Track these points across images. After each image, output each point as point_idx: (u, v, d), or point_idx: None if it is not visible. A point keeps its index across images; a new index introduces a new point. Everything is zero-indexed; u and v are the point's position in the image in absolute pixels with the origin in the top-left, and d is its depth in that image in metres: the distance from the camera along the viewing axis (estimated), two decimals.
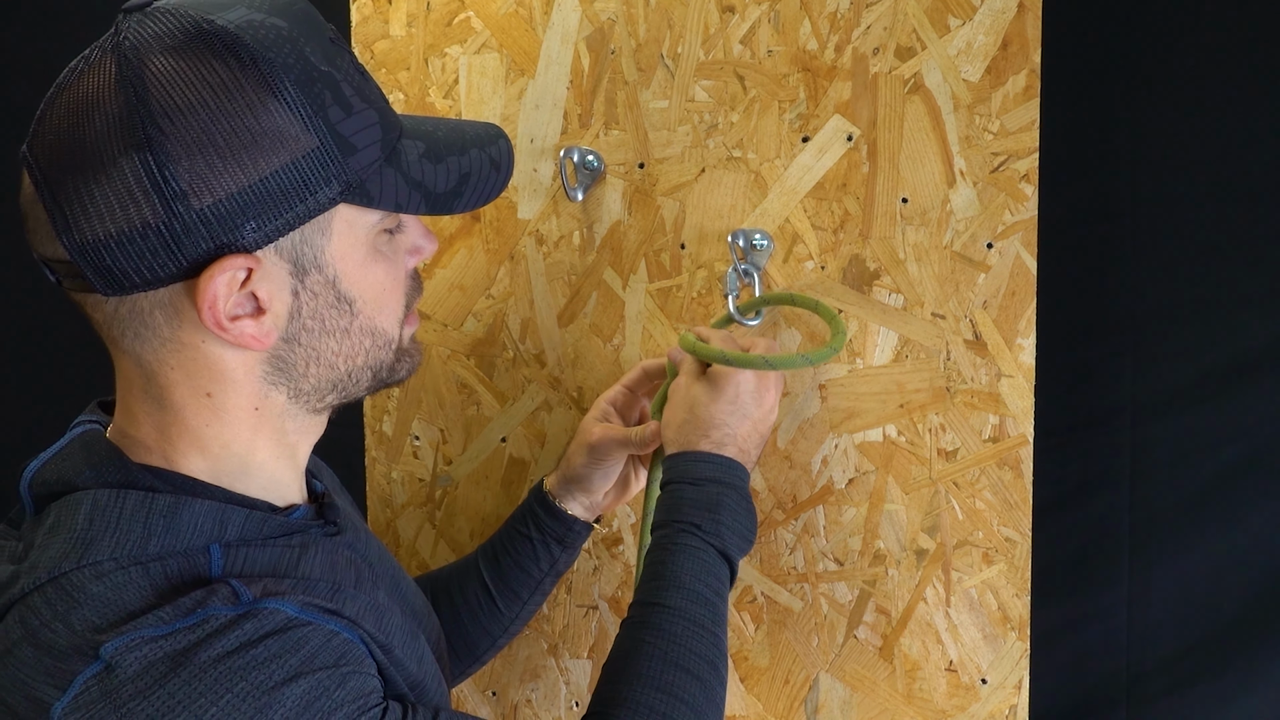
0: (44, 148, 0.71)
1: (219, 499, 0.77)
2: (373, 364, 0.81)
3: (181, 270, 0.71)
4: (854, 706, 1.11)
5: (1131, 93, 1.14)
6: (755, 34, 1.06)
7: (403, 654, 0.81)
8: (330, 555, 0.81)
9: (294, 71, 0.71)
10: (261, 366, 0.77)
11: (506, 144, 0.86)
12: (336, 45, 0.76)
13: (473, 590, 1.10)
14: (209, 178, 0.69)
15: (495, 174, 0.84)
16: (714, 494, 0.94)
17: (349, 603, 0.78)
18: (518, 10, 1.14)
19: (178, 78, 0.69)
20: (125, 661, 0.67)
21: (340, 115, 0.73)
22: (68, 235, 0.70)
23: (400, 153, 0.78)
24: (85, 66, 0.71)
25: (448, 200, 0.80)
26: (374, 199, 0.76)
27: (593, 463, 1.06)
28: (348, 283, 0.77)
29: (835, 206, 1.06)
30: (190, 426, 0.77)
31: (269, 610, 0.71)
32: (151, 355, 0.76)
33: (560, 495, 1.08)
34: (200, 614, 0.69)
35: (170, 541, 0.74)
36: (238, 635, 0.69)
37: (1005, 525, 1.05)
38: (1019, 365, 1.03)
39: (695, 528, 0.93)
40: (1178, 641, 1.19)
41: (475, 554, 1.13)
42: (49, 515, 0.76)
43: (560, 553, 1.09)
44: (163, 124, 0.69)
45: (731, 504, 0.94)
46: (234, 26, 0.71)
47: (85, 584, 0.71)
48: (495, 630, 1.10)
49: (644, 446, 1.04)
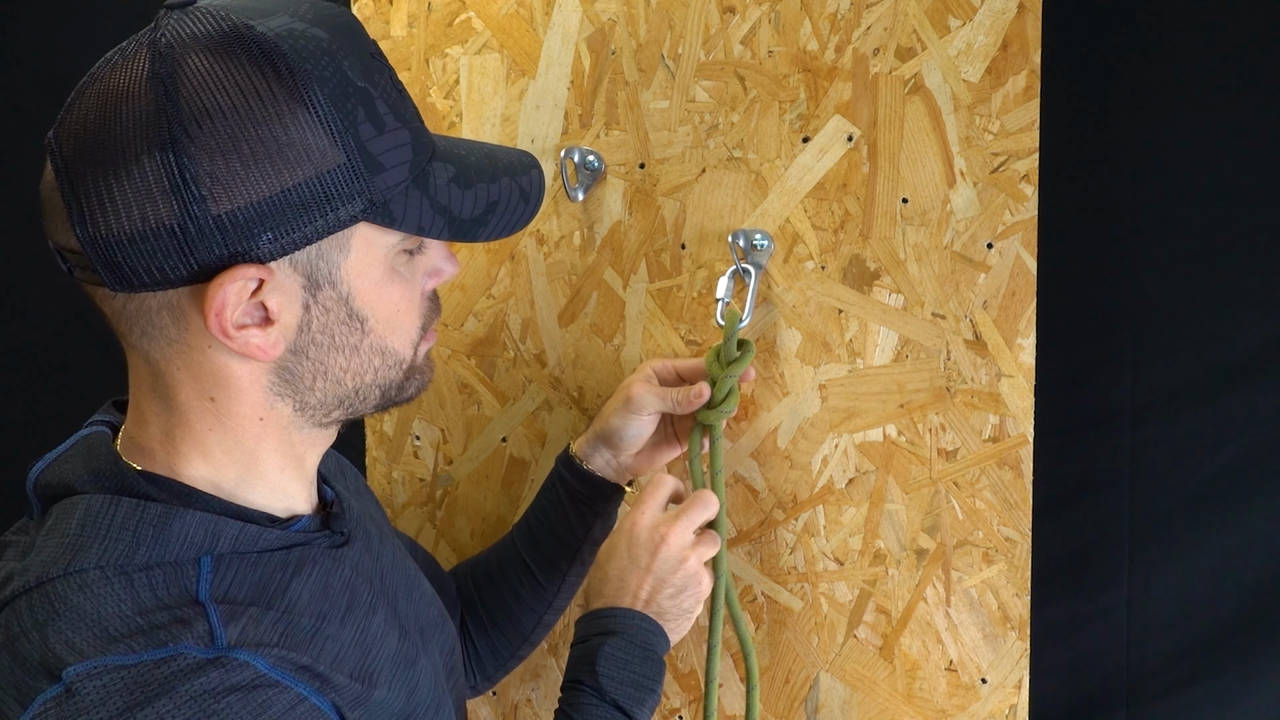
0: (69, 137, 0.70)
1: (214, 510, 0.76)
2: (381, 383, 0.80)
3: (192, 274, 0.71)
4: (854, 706, 1.11)
5: (1131, 93, 1.14)
6: (756, 34, 1.06)
7: (388, 690, 0.80)
8: (326, 576, 0.80)
9: (329, 85, 0.70)
10: (267, 377, 0.76)
11: (539, 174, 0.84)
12: (377, 61, 0.75)
13: (512, 568, 1.09)
14: (230, 184, 0.68)
15: (524, 205, 0.82)
16: (595, 646, 0.94)
17: (329, 644, 0.76)
18: (518, 11, 1.14)
19: (210, 80, 0.69)
20: (85, 689, 0.66)
21: (371, 133, 0.72)
22: (82, 227, 0.70)
23: (429, 175, 0.76)
24: (120, 59, 0.71)
25: (472, 228, 0.79)
26: (396, 220, 0.74)
27: (627, 415, 1.05)
28: (361, 301, 0.76)
29: (835, 207, 1.06)
30: (194, 429, 0.77)
31: (239, 662, 0.70)
32: (158, 354, 0.75)
33: (586, 455, 1.07)
34: (170, 649, 0.68)
35: (158, 552, 0.73)
36: (203, 683, 0.68)
37: (1005, 525, 1.05)
38: (1019, 365, 1.03)
39: (577, 684, 0.94)
40: (1178, 641, 1.19)
41: (511, 532, 1.12)
42: (49, 517, 0.76)
43: (593, 519, 1.07)
44: (189, 126, 0.68)
45: (610, 652, 0.94)
46: (273, 34, 0.70)
47: (68, 594, 0.70)
48: (539, 607, 1.10)
49: (681, 407, 1.04)
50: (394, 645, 0.83)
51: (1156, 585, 1.19)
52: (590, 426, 1.09)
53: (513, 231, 0.82)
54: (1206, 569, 1.18)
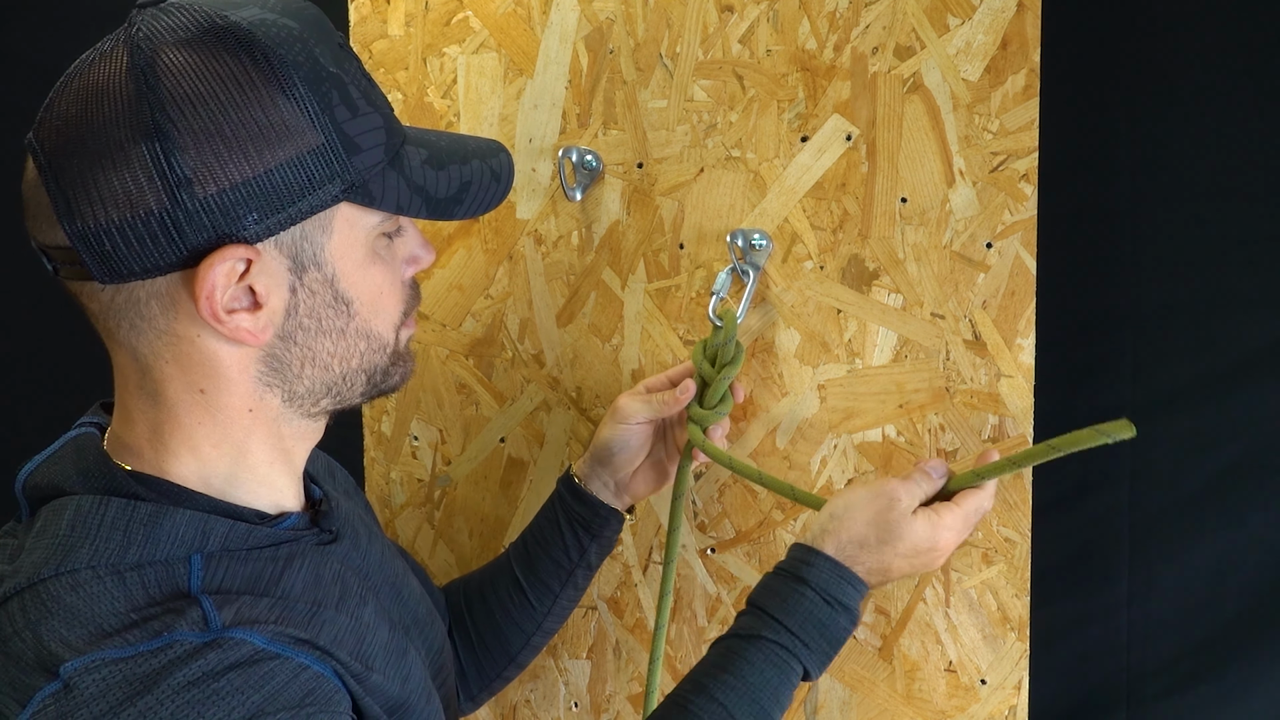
0: (50, 133, 0.72)
1: (203, 508, 0.77)
2: (367, 367, 0.81)
3: (181, 259, 0.72)
4: (854, 707, 1.11)
5: (1131, 93, 1.14)
6: (754, 33, 1.06)
7: (384, 676, 0.80)
8: (316, 569, 0.80)
9: (303, 69, 0.72)
10: (256, 366, 0.77)
11: (508, 157, 0.86)
12: (345, 50, 0.77)
13: (504, 584, 1.09)
14: (214, 167, 0.70)
15: (495, 184, 0.84)
16: (843, 627, 0.90)
17: (326, 627, 0.77)
18: (516, 10, 1.14)
19: (189, 69, 0.70)
20: (84, 683, 0.66)
21: (346, 115, 0.74)
22: (69, 220, 0.70)
23: (403, 157, 0.78)
24: (97, 56, 0.72)
25: (448, 206, 0.81)
26: (376, 199, 0.76)
27: (615, 426, 1.05)
28: (346, 283, 0.77)
29: (834, 206, 1.06)
30: (183, 425, 0.77)
31: (235, 640, 0.70)
32: (147, 348, 0.75)
33: (586, 477, 1.08)
34: (166, 638, 0.68)
35: (149, 551, 0.73)
36: (200, 665, 0.68)
37: (1005, 525, 1.05)
38: (1019, 365, 1.02)
39: (803, 647, 0.89)
40: (1178, 641, 1.19)
41: (508, 549, 1.12)
42: (38, 519, 0.76)
43: (589, 542, 1.07)
44: (171, 112, 0.69)
45: (839, 636, 0.90)
46: (246, 23, 0.72)
47: (60, 594, 0.71)
48: (528, 626, 1.09)
49: (668, 408, 1.04)
50: (386, 635, 0.83)
51: (1156, 585, 1.19)
52: (586, 450, 1.09)
53: (488, 209, 0.84)
54: (1206, 569, 1.18)
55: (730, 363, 1.03)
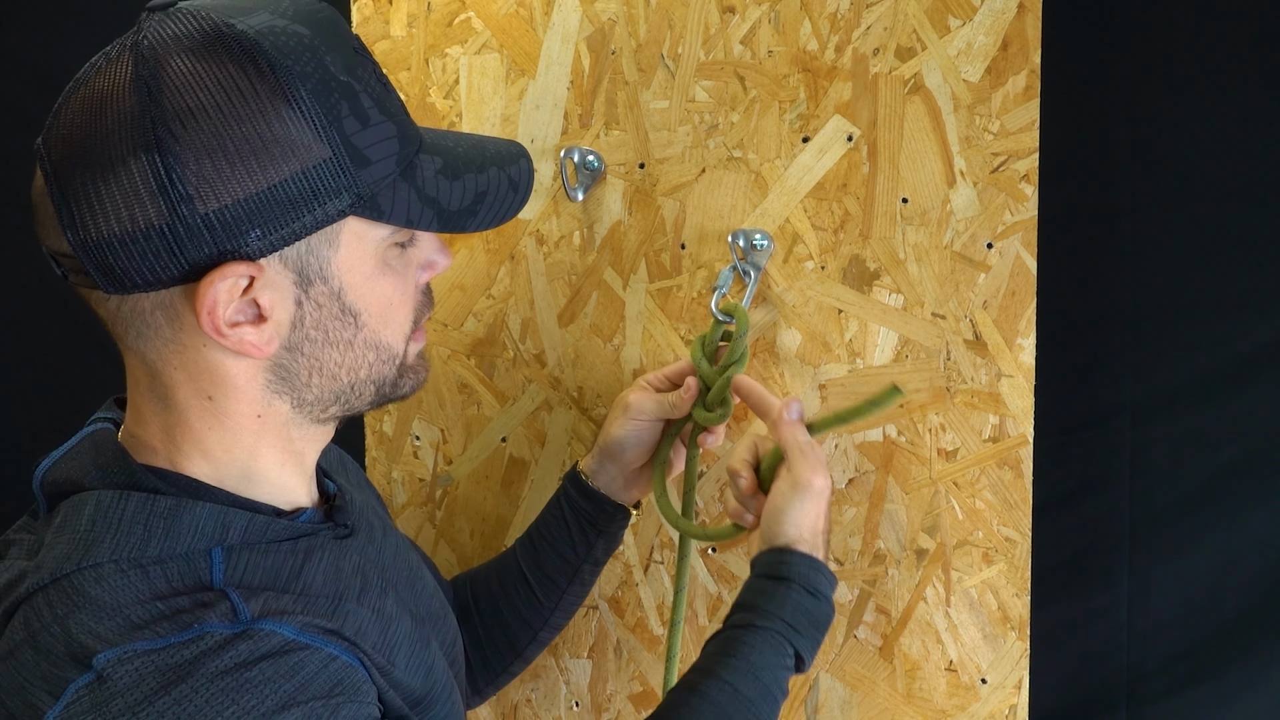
0: (56, 142, 0.71)
1: (222, 502, 0.77)
2: (375, 378, 0.80)
3: (183, 273, 0.71)
4: (854, 706, 1.11)
5: (1131, 93, 1.14)
6: (755, 34, 1.06)
7: (407, 669, 0.80)
8: (336, 561, 0.81)
9: (311, 80, 0.71)
10: (264, 375, 0.76)
11: (528, 164, 0.84)
12: (360, 55, 0.75)
13: (511, 579, 1.09)
14: (216, 183, 0.69)
15: (513, 194, 0.82)
16: (826, 614, 0.94)
17: (350, 618, 0.77)
18: (518, 11, 1.14)
19: (193, 80, 0.69)
20: (117, 674, 0.67)
21: (356, 127, 0.72)
22: (73, 231, 0.70)
23: (416, 167, 0.76)
24: (104, 63, 0.71)
25: (461, 218, 0.79)
26: (385, 213, 0.75)
27: (627, 423, 1.05)
28: (353, 295, 0.76)
29: (835, 207, 1.06)
30: (193, 429, 0.77)
31: (265, 631, 0.70)
32: (155, 354, 0.75)
33: (593, 473, 1.07)
34: (196, 630, 0.69)
35: (171, 544, 0.73)
36: (232, 656, 0.68)
37: (1005, 525, 1.05)
38: (1019, 365, 1.03)
39: (794, 632, 0.92)
40: (1178, 641, 1.19)
41: (513, 546, 1.12)
42: (58, 514, 0.76)
43: (596, 538, 1.07)
44: (174, 126, 0.68)
45: (824, 623, 0.94)
46: (254, 32, 0.70)
47: (85, 587, 0.71)
48: (535, 622, 1.09)
49: (678, 408, 1.04)
50: (409, 626, 0.83)
51: (1156, 585, 1.19)
52: (595, 444, 1.09)
53: (503, 221, 0.83)
54: (1206, 569, 1.18)
55: (736, 361, 1.03)
